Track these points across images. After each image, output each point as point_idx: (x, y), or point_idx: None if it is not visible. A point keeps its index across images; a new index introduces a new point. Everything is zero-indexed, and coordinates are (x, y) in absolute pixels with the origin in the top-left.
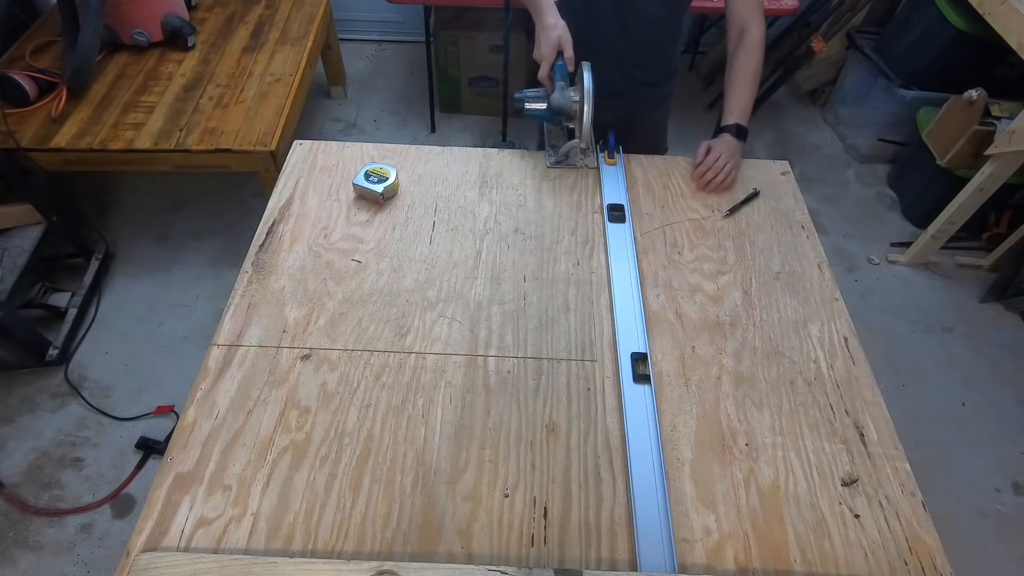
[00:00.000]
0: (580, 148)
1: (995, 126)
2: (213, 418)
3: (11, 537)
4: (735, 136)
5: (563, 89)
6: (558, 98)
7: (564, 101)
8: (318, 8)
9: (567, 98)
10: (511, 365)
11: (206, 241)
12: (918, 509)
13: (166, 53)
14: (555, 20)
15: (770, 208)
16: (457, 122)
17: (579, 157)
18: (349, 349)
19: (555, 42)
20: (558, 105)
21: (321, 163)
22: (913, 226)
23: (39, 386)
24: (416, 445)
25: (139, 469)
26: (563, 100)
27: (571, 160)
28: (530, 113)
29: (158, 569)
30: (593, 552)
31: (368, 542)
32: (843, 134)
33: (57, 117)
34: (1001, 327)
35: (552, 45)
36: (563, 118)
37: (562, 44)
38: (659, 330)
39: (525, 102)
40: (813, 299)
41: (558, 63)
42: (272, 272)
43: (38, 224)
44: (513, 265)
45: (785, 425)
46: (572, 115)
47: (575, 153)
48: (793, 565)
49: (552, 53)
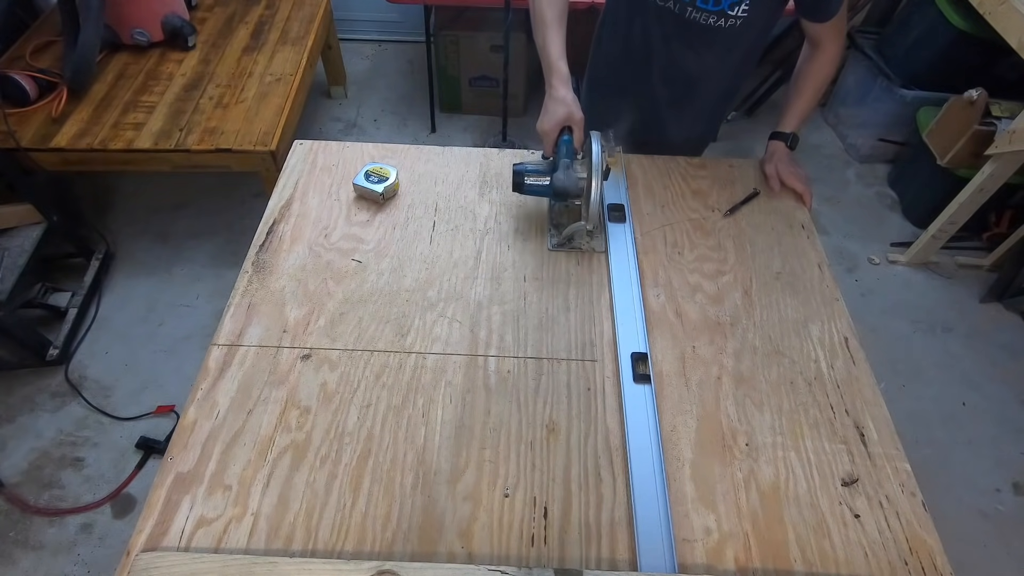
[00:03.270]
0: (587, 230)
1: (995, 126)
2: (213, 418)
3: (11, 537)
4: (789, 146)
5: (568, 167)
6: (562, 178)
7: (569, 182)
8: (318, 8)
9: (572, 178)
10: (511, 365)
11: (206, 241)
12: (918, 509)
13: (166, 53)
14: (565, 92)
15: (770, 208)
16: (457, 122)
17: (585, 240)
18: (349, 349)
19: (561, 119)
20: (562, 186)
21: (321, 163)
22: (913, 226)
23: (39, 386)
24: (416, 445)
25: (139, 469)
26: (568, 181)
27: (576, 243)
28: (531, 190)
29: (158, 569)
30: (593, 552)
31: (368, 542)
32: (843, 134)
33: (57, 117)
34: (1001, 327)
35: (558, 122)
36: (568, 199)
37: (570, 122)
38: (659, 330)
39: (525, 176)
40: (813, 299)
41: (564, 137)
42: (272, 272)
43: (38, 224)
44: (513, 265)
45: (785, 425)
46: (578, 195)
47: (580, 235)
48: (793, 565)
49: (556, 130)
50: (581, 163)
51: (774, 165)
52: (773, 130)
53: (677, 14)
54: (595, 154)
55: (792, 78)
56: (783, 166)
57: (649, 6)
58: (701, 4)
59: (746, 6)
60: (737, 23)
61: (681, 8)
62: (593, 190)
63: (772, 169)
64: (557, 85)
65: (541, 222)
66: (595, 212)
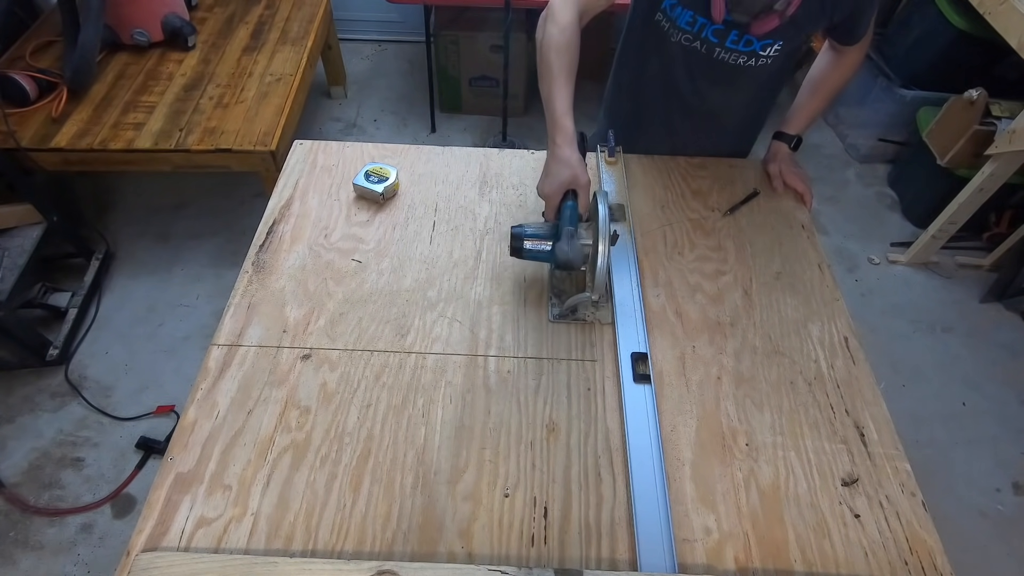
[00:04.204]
0: (591, 300)
1: (995, 126)
2: (213, 418)
3: (11, 537)
4: (793, 148)
5: (572, 236)
6: (566, 249)
7: (574, 253)
8: (318, 8)
9: (577, 248)
10: (511, 365)
11: (206, 241)
12: (918, 509)
13: (166, 53)
14: (569, 153)
15: (770, 208)
16: (457, 122)
17: (590, 311)
18: (349, 349)
19: (565, 182)
20: (566, 258)
21: (321, 163)
22: (913, 226)
23: (39, 386)
24: (416, 445)
25: (139, 469)
26: (572, 252)
27: (579, 315)
28: (531, 255)
29: (158, 569)
30: (593, 552)
31: (368, 542)
32: (843, 134)
33: (57, 117)
34: (1001, 327)
35: (561, 185)
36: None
37: (575, 186)
38: (659, 330)
39: (524, 240)
40: (813, 299)
41: (568, 203)
42: (272, 272)
43: (38, 224)
44: (513, 265)
45: (785, 425)
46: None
47: (585, 306)
48: (793, 565)
49: (559, 195)
50: (586, 228)
51: (777, 165)
52: (778, 130)
53: (704, 54)
54: (601, 217)
55: (808, 79)
56: (786, 166)
57: (673, 45)
58: (731, 45)
59: (779, 46)
60: (768, 61)
61: (709, 48)
62: (600, 257)
63: (776, 169)
64: (561, 144)
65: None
66: (601, 281)
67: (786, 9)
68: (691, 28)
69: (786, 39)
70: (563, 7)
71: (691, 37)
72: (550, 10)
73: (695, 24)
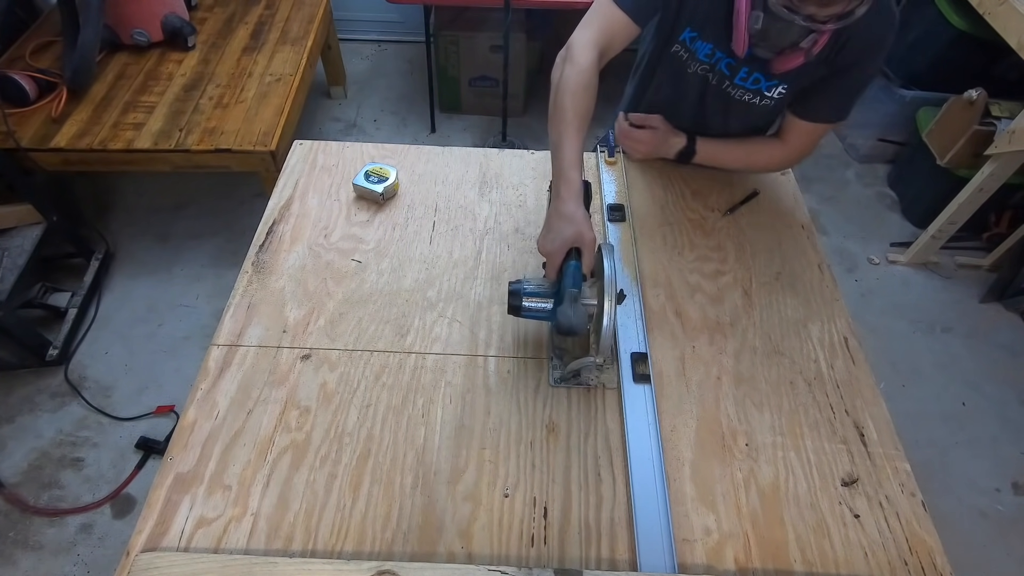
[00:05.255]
0: (596, 364)
1: (995, 126)
2: (213, 418)
3: (11, 537)
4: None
5: (575, 300)
6: (569, 314)
7: (577, 318)
8: (318, 8)
9: (581, 313)
10: (511, 365)
11: (206, 241)
12: (918, 509)
13: (166, 53)
14: (574, 209)
15: (770, 208)
16: (457, 122)
17: (594, 375)
18: (349, 349)
19: (569, 241)
20: (568, 324)
21: (321, 163)
22: (913, 226)
23: (39, 386)
24: (416, 445)
25: (139, 469)
26: (576, 317)
27: (583, 379)
28: (530, 314)
29: (158, 569)
30: (593, 552)
31: (368, 542)
32: (843, 134)
33: (57, 117)
34: (1001, 327)
35: (564, 243)
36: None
37: (579, 244)
38: (659, 330)
39: (524, 298)
40: (813, 299)
41: (571, 262)
42: (272, 272)
43: (38, 224)
44: (513, 265)
45: (785, 425)
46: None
47: (589, 370)
48: (793, 565)
49: (562, 253)
50: (590, 285)
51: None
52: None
53: (715, 85)
54: (607, 275)
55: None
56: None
57: (688, 72)
58: (739, 82)
59: (783, 88)
60: (772, 103)
61: (719, 80)
62: (606, 317)
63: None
64: (566, 198)
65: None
66: (607, 344)
67: (812, 47)
68: (709, 60)
69: (791, 82)
70: (583, 48)
71: (707, 68)
72: (569, 50)
73: (713, 56)
